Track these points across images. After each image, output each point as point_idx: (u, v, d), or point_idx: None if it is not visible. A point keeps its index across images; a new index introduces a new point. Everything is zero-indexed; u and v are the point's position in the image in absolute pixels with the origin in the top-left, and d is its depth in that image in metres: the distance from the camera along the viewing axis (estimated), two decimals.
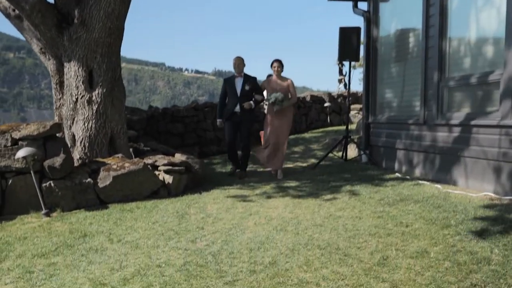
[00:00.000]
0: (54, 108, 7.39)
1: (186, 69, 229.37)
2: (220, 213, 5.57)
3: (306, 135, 14.05)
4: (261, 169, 8.88)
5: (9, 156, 5.69)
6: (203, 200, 6.29)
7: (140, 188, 6.30)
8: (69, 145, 6.60)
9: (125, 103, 7.25)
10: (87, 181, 6.02)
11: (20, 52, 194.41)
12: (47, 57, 7.09)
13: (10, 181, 5.74)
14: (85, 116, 6.73)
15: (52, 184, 5.82)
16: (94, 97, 6.71)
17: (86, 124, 6.73)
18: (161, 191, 6.52)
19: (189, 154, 8.07)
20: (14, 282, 3.90)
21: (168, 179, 6.58)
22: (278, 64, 7.86)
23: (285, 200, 6.10)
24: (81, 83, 6.64)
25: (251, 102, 7.81)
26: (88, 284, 3.70)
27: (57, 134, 6.04)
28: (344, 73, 18.45)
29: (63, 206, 5.88)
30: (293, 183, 7.25)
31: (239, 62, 7.93)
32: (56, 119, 7.33)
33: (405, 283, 3.28)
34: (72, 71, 6.61)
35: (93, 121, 6.73)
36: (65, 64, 6.74)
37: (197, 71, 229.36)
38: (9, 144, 5.75)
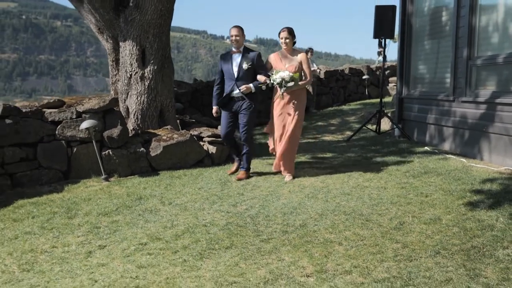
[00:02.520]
0: (110, 83, 8.12)
1: (228, 37, 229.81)
2: (258, 181, 6.19)
3: (344, 107, 14.43)
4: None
5: (74, 127, 6.47)
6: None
7: (186, 157, 6.99)
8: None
9: (173, 78, 7.91)
10: (140, 150, 6.75)
11: (67, 20, 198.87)
12: (105, 37, 7.79)
13: (75, 149, 6.53)
14: (138, 91, 7.44)
15: (111, 153, 6.58)
16: (146, 74, 7.41)
17: (139, 98, 7.45)
18: (205, 160, 7.19)
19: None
20: (85, 235, 4.67)
21: (212, 149, 7.23)
22: (286, 34, 6.07)
23: (318, 170, 6.65)
24: (134, 60, 7.32)
25: (251, 84, 6.19)
26: (146, 238, 4.41)
27: (114, 108, 6.77)
28: (383, 45, 18.51)
29: (119, 172, 6.64)
30: (327, 155, 7.78)
31: (236, 34, 6.23)
32: (112, 93, 8.07)
33: (415, 244, 3.82)
34: (127, 50, 7.29)
35: (145, 95, 7.44)
36: (120, 43, 7.43)
37: None
38: (74, 116, 6.52)
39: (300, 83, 6.08)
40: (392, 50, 71.13)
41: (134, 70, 7.40)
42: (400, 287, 3.15)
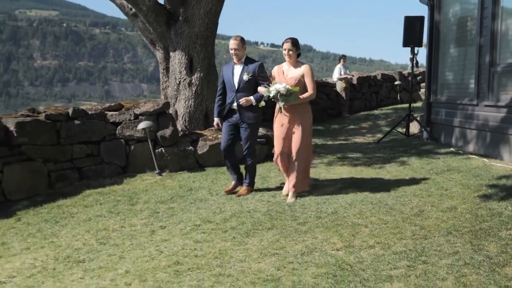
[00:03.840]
0: (161, 89, 8.99)
1: (262, 43, 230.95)
2: None
3: (376, 112, 14.98)
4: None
5: (132, 127, 7.33)
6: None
7: None
8: None
9: (217, 84, 8.73)
10: (189, 148, 7.56)
11: (105, 27, 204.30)
12: (157, 47, 8.67)
13: (132, 147, 7.40)
14: (186, 96, 8.28)
15: (163, 150, 7.41)
16: (193, 80, 8.24)
17: (186, 102, 8.29)
18: None
19: (268, 128, 9.34)
20: (147, 218, 5.47)
21: None
22: (289, 45, 5.71)
23: (348, 168, 7.31)
24: (183, 69, 8.16)
25: (251, 97, 5.89)
26: (199, 221, 5.18)
27: (166, 111, 7.61)
28: (416, 51, 18.95)
29: (170, 168, 7.46)
30: (357, 155, 8.42)
31: (235, 48, 5.94)
32: (162, 98, 8.93)
33: (431, 227, 4.46)
34: (177, 59, 8.14)
35: (192, 100, 8.28)
36: (171, 53, 8.28)
37: (272, 45, 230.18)
38: (132, 118, 7.38)
39: (301, 97, 5.64)
40: (424, 56, 70.50)
41: (183, 77, 8.24)
42: (414, 257, 3.80)
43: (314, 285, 3.45)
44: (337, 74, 14.41)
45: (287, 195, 5.86)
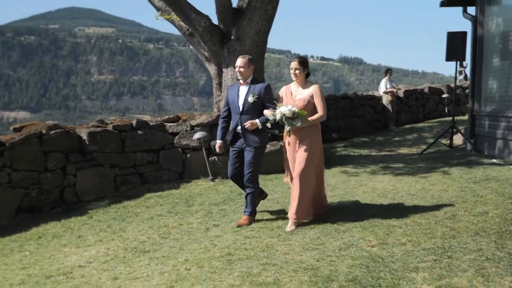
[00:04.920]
0: (214, 102, 9.68)
1: (312, 56, 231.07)
2: (337, 184, 7.37)
3: (422, 124, 15.16)
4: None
5: (188, 137, 8.05)
6: (325, 174, 8.09)
7: (276, 164, 8.29)
8: None
9: None
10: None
11: (158, 43, 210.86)
12: (211, 64, 9.38)
13: (188, 155, 8.11)
14: None
15: (216, 159, 8.08)
16: None
17: None
18: None
19: None
20: (202, 217, 6.11)
21: None
22: (296, 64, 5.43)
23: (390, 177, 7.71)
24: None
25: (257, 120, 5.51)
26: None
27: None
28: (464, 64, 18.99)
29: (222, 175, 8.10)
30: (399, 165, 8.78)
31: (241, 65, 5.65)
32: (216, 110, 9.61)
33: (461, 228, 4.84)
34: (229, 75, 8.80)
35: None
36: (223, 69, 8.96)
37: (322, 58, 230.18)
38: (188, 129, 8.10)
39: (310, 119, 5.32)
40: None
41: None
42: (440, 253, 4.21)
43: (348, 273, 3.94)
44: (383, 87, 14.74)
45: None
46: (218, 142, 5.87)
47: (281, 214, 5.88)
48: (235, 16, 8.73)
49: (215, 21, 8.88)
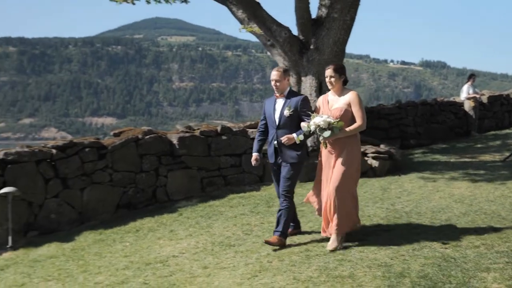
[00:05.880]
0: None
1: (392, 61, 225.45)
2: (413, 189, 7.51)
3: (507, 131, 14.67)
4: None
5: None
6: (402, 180, 8.25)
7: None
8: None
9: None
10: (316, 162, 8.52)
11: (237, 50, 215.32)
12: (290, 73, 9.83)
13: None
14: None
15: None
16: None
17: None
18: (368, 172, 8.69)
19: (391, 145, 9.96)
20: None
21: (375, 163, 8.71)
22: (331, 72, 5.12)
23: (468, 183, 7.72)
24: (313, 91, 9.19)
25: (294, 134, 5.24)
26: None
27: None
28: None
29: (300, 178, 8.43)
30: (479, 172, 8.71)
31: (275, 79, 5.35)
32: None
33: None
34: (307, 83, 9.21)
35: None
36: (302, 78, 9.37)
37: (403, 62, 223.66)
38: None
39: (347, 129, 5.02)
40: None
41: (313, 99, 9.27)
42: None
43: (420, 271, 4.19)
44: (465, 93, 14.45)
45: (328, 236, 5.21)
46: (254, 154, 5.63)
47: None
48: (314, 27, 9.13)
49: (294, 32, 9.33)
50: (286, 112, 5.29)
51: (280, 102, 5.40)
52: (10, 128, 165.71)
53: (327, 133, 4.92)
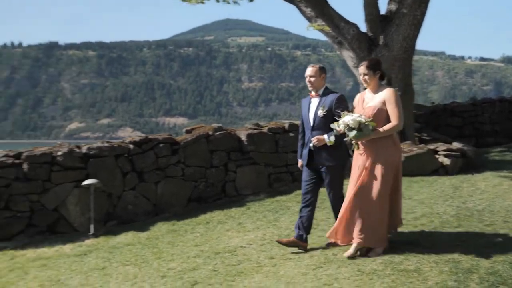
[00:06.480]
0: None
1: (469, 57, 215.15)
2: (487, 188, 7.27)
3: None
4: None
5: None
6: (474, 178, 7.98)
7: (423, 167, 8.42)
8: None
9: (413, 102, 9.46)
10: None
11: (306, 49, 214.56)
12: (358, 71, 9.79)
13: None
14: None
15: None
16: None
17: None
18: (439, 170, 8.49)
19: (465, 143, 9.64)
20: None
21: (446, 161, 8.49)
22: (364, 70, 4.78)
23: None
24: None
25: (325, 136, 4.92)
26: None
27: None
28: None
29: None
30: None
31: (310, 74, 5.10)
32: None
33: None
34: None
35: None
36: None
37: (481, 58, 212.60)
38: None
39: (381, 129, 4.61)
40: None
41: None
42: None
43: (489, 267, 4.11)
44: None
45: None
46: (299, 161, 5.32)
47: (425, 214, 6.08)
48: (383, 23, 9.06)
49: (362, 29, 9.30)
50: (320, 112, 4.99)
51: (314, 102, 5.11)
52: (90, 128, 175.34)
53: (353, 133, 4.53)
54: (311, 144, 5.04)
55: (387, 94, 4.70)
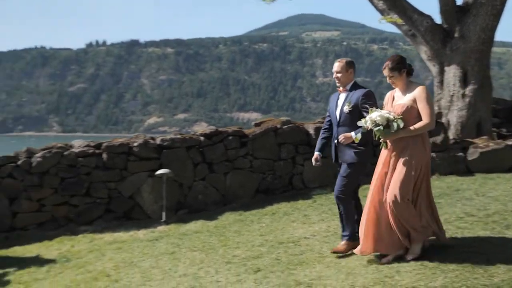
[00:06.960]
0: (435, 100, 9.77)
1: None
2: None
3: None
4: None
5: None
6: None
7: (500, 163, 8.04)
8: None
9: (491, 96, 9.06)
10: (458, 154, 8.18)
11: (383, 43, 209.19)
12: (432, 63, 9.52)
13: None
14: (459, 107, 8.90)
15: (434, 155, 8.21)
16: (466, 92, 8.80)
17: (459, 113, 8.90)
18: None
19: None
20: None
21: None
22: (387, 72, 4.63)
23: None
24: (457, 81, 8.81)
25: (352, 133, 4.78)
26: (463, 214, 5.88)
27: (438, 120, 8.39)
28: None
29: (440, 171, 8.18)
30: None
31: (337, 70, 5.05)
32: (436, 108, 9.70)
33: None
34: (451, 73, 8.84)
35: (465, 110, 8.84)
36: (445, 68, 9.02)
37: None
38: None
39: (412, 128, 4.39)
40: None
41: (456, 90, 8.89)
42: None
43: None
44: None
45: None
46: (315, 153, 5.22)
47: (499, 211, 5.84)
48: (459, 14, 8.74)
49: (437, 20, 9.01)
50: (346, 108, 4.90)
51: (342, 97, 5.02)
52: (167, 122, 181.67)
53: (390, 131, 4.33)
54: (336, 141, 4.99)
55: (417, 92, 4.50)
